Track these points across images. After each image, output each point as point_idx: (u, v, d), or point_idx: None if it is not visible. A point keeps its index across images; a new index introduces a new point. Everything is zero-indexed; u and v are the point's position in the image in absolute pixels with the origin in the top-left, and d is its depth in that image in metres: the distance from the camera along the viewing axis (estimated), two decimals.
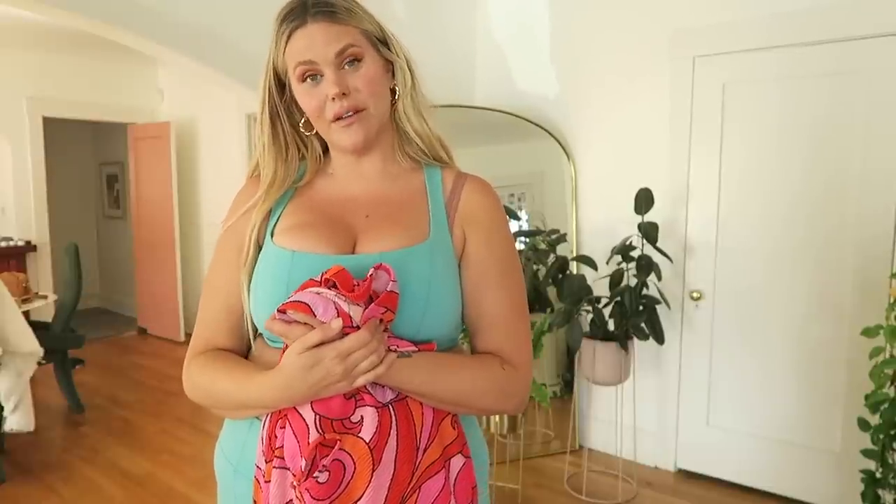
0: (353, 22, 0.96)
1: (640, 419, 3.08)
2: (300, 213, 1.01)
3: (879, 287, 2.46)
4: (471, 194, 1.04)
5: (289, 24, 0.96)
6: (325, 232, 0.98)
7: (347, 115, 0.96)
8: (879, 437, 2.05)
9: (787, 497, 2.81)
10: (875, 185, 2.50)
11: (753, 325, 2.84)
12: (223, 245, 1.05)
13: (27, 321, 3.41)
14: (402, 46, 1.03)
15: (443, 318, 0.95)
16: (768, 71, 2.70)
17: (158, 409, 4.06)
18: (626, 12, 3.07)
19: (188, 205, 5.74)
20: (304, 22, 0.95)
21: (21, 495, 2.94)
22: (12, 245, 5.22)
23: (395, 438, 0.85)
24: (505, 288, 1.01)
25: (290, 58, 0.96)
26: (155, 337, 5.88)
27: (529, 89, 3.41)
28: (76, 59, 5.56)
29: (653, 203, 2.78)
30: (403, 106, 1.03)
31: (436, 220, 1.00)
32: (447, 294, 0.96)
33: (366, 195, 1.04)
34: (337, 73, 0.95)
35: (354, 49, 0.95)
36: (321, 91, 0.96)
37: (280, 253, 0.97)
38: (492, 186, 1.08)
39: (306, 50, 0.95)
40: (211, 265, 1.07)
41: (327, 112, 0.97)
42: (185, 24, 2.41)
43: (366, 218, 1.01)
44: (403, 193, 1.04)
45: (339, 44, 0.94)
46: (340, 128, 0.97)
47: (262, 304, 0.96)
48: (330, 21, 0.95)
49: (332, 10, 0.95)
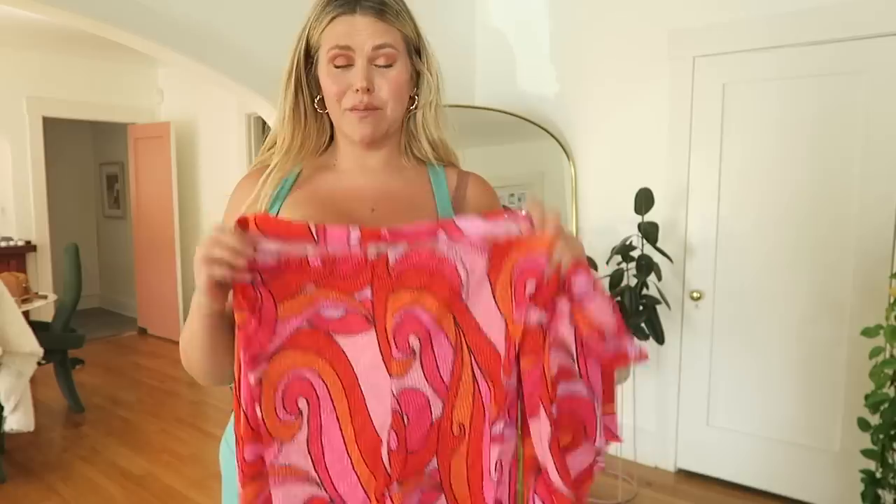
0: (398, 25, 0.99)
1: (640, 419, 3.08)
2: (303, 207, 1.01)
3: (879, 287, 2.46)
4: (475, 191, 1.08)
5: (337, 8, 0.98)
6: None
7: (364, 109, 0.98)
8: (879, 437, 2.05)
9: (787, 497, 2.81)
10: (875, 185, 2.50)
11: (753, 325, 2.84)
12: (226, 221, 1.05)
13: (27, 321, 3.41)
14: (434, 59, 1.05)
15: None
16: (768, 71, 2.70)
17: (158, 409, 4.05)
18: (626, 12, 3.07)
19: (188, 205, 5.73)
20: (353, 10, 0.97)
21: (21, 495, 2.94)
22: (12, 245, 5.22)
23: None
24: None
25: (328, 38, 0.98)
26: (155, 337, 5.88)
27: (529, 89, 3.41)
28: (76, 59, 5.56)
29: (653, 203, 2.78)
30: (423, 115, 1.06)
31: (443, 216, 1.03)
32: None
33: (370, 189, 1.05)
34: (368, 67, 0.97)
35: (390, 50, 0.98)
36: (347, 79, 0.98)
37: None
38: (489, 183, 1.12)
39: (346, 36, 0.97)
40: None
41: (346, 100, 0.99)
42: (186, 24, 2.41)
43: (371, 212, 1.02)
44: (409, 189, 1.06)
45: (379, 41, 0.97)
46: (354, 118, 0.99)
47: None
48: (377, 18, 0.97)
49: (382, 9, 0.97)
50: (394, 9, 0.99)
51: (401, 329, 0.84)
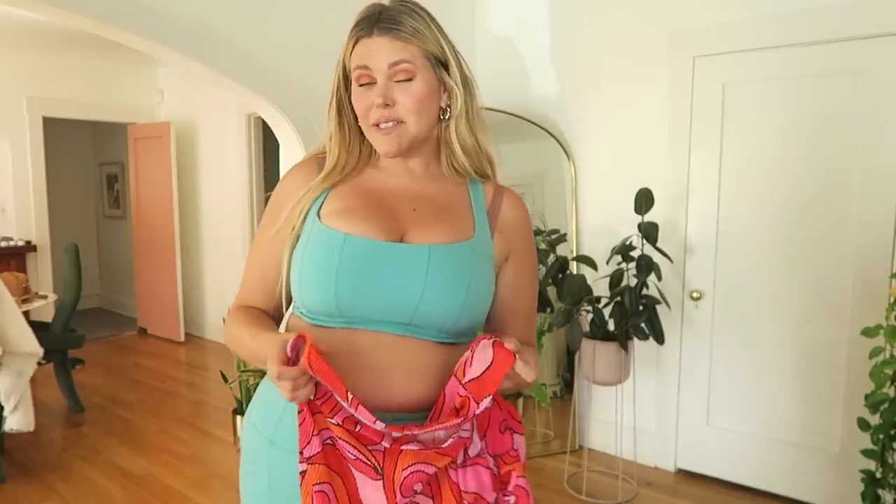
0: (416, 42, 1.04)
1: (640, 419, 3.08)
2: (349, 197, 1.08)
3: (879, 287, 2.46)
4: (509, 205, 1.15)
5: (358, 32, 1.05)
6: (376, 218, 1.05)
7: (387, 124, 1.04)
8: (879, 437, 2.05)
9: (787, 497, 2.81)
10: (875, 185, 2.50)
11: (753, 325, 2.84)
12: (268, 219, 1.13)
13: (27, 321, 3.41)
14: (464, 72, 1.10)
15: (479, 310, 1.07)
16: (768, 71, 2.70)
17: (158, 409, 4.05)
18: (626, 13, 3.07)
19: (188, 205, 5.73)
20: (370, 33, 1.04)
21: (21, 495, 2.94)
22: (12, 245, 5.22)
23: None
24: (534, 290, 1.19)
25: (354, 60, 1.06)
26: (155, 337, 5.88)
27: (529, 89, 3.41)
28: (76, 59, 5.56)
29: (653, 203, 2.78)
30: (455, 126, 1.10)
31: (479, 224, 1.10)
32: (485, 289, 1.07)
33: (411, 191, 1.11)
34: (386, 84, 1.03)
35: (407, 66, 1.03)
36: (370, 97, 1.04)
37: (330, 234, 1.03)
38: (522, 199, 1.20)
39: (365, 57, 1.04)
40: (257, 234, 1.16)
41: (371, 117, 1.05)
42: (185, 24, 2.41)
43: (413, 211, 1.08)
44: (447, 196, 1.12)
45: (394, 58, 1.02)
46: (379, 134, 1.06)
47: (306, 284, 1.03)
48: (392, 38, 1.03)
49: (396, 28, 1.03)
50: (410, 27, 1.04)
51: (407, 481, 0.93)
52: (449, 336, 1.04)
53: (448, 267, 1.01)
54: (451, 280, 1.01)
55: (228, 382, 2.77)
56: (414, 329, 1.01)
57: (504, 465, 1.02)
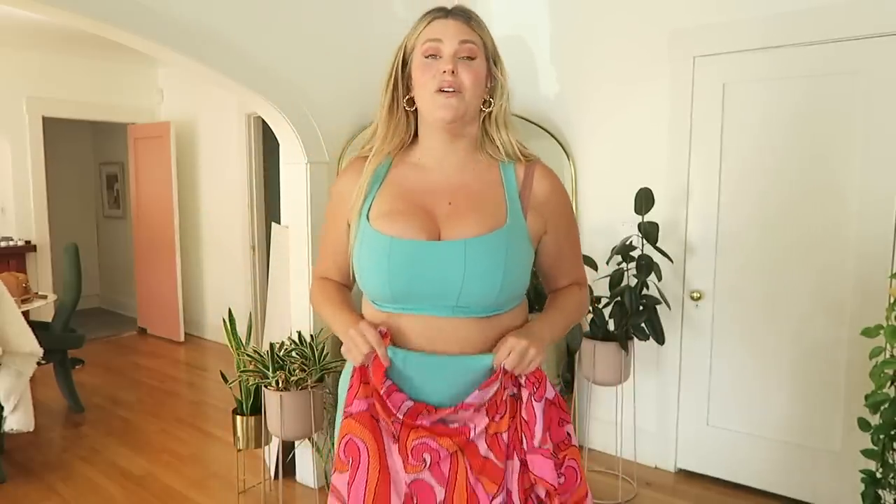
0: (480, 32, 1.26)
1: (640, 419, 3.08)
2: (392, 200, 1.25)
3: (879, 287, 2.46)
4: (540, 181, 1.30)
5: (433, 15, 1.25)
6: (416, 220, 1.21)
7: (449, 90, 1.20)
8: (880, 437, 2.05)
9: (786, 497, 2.81)
10: (875, 184, 2.50)
11: (753, 325, 2.84)
12: (330, 214, 1.37)
13: (27, 321, 3.41)
14: (507, 72, 1.29)
15: (515, 289, 1.23)
16: (768, 71, 2.70)
17: (158, 409, 4.06)
18: (626, 13, 3.07)
19: (188, 205, 5.74)
20: (445, 16, 1.25)
21: (21, 495, 2.94)
22: (12, 245, 5.22)
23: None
24: (575, 244, 1.40)
25: (424, 36, 1.24)
26: (155, 337, 5.89)
27: (529, 89, 3.41)
28: (76, 59, 5.56)
29: (653, 203, 2.78)
30: (495, 115, 1.28)
31: (512, 208, 1.25)
32: (520, 270, 1.23)
33: (447, 184, 1.27)
34: (454, 57, 1.21)
35: (472, 46, 1.23)
36: (437, 66, 1.21)
37: (379, 237, 1.21)
38: (551, 170, 1.35)
39: (439, 33, 1.23)
40: (325, 223, 1.40)
41: (434, 82, 1.21)
42: (185, 24, 2.41)
43: (448, 205, 1.24)
44: (481, 183, 1.27)
45: (465, 36, 1.22)
46: (441, 98, 1.21)
47: (366, 278, 1.24)
48: (464, 23, 1.24)
49: (468, 18, 1.25)
50: (478, 20, 1.26)
51: (416, 450, 1.17)
52: (491, 310, 1.21)
53: (483, 257, 1.17)
54: (486, 268, 1.17)
55: (228, 382, 2.77)
56: (460, 310, 1.19)
57: (560, 451, 1.25)
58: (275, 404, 2.49)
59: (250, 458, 3.02)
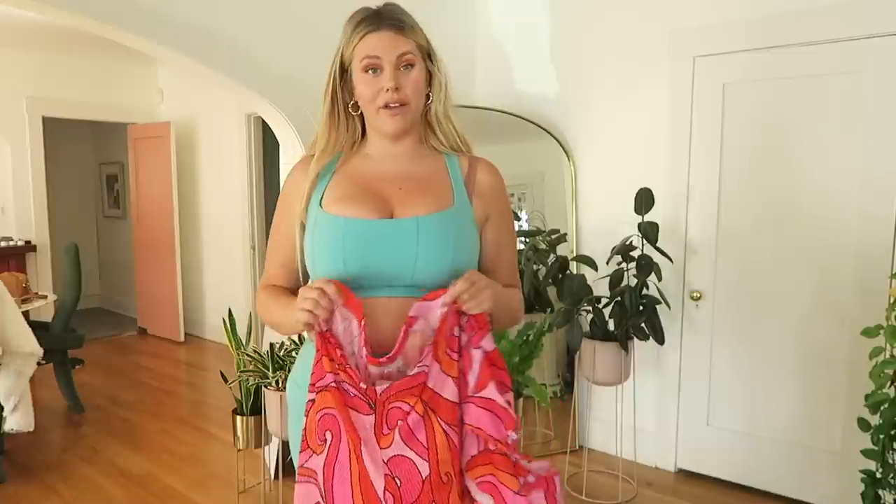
0: (413, 36, 1.25)
1: (640, 419, 3.08)
2: (344, 186, 1.27)
3: (879, 287, 2.46)
4: (484, 173, 1.33)
5: (365, 27, 1.23)
6: (367, 201, 1.23)
7: (395, 105, 1.22)
8: (880, 437, 2.05)
9: (786, 497, 2.81)
10: (876, 185, 2.50)
11: (753, 325, 2.84)
12: (279, 212, 1.35)
13: (27, 321, 3.41)
14: (442, 62, 1.30)
15: (468, 265, 1.23)
16: (768, 71, 2.70)
17: (158, 409, 4.06)
18: (626, 12, 3.07)
19: (188, 205, 5.74)
20: (378, 28, 1.23)
21: (21, 495, 2.94)
22: (12, 245, 5.23)
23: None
24: (513, 242, 1.41)
25: (360, 52, 1.23)
26: (155, 337, 5.89)
27: (529, 89, 3.41)
28: (76, 59, 5.56)
29: (653, 203, 2.78)
30: (436, 108, 1.30)
31: (458, 192, 1.28)
32: (470, 248, 1.26)
33: (396, 172, 1.28)
34: (395, 72, 1.22)
35: (410, 56, 1.23)
36: (379, 82, 1.22)
37: (333, 219, 1.22)
38: (495, 166, 1.37)
39: (375, 49, 1.22)
40: (273, 226, 1.37)
41: (380, 99, 1.22)
42: (185, 24, 2.41)
43: (399, 189, 1.26)
44: (428, 171, 1.30)
45: (401, 50, 1.22)
46: (388, 115, 1.23)
47: (320, 263, 1.23)
48: (397, 32, 1.23)
49: (400, 25, 1.24)
50: (409, 24, 1.25)
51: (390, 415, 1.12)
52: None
53: (435, 233, 1.20)
54: (438, 244, 1.19)
55: (228, 382, 2.77)
56: (414, 290, 1.18)
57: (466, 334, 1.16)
58: (275, 404, 2.49)
59: (250, 458, 3.02)
